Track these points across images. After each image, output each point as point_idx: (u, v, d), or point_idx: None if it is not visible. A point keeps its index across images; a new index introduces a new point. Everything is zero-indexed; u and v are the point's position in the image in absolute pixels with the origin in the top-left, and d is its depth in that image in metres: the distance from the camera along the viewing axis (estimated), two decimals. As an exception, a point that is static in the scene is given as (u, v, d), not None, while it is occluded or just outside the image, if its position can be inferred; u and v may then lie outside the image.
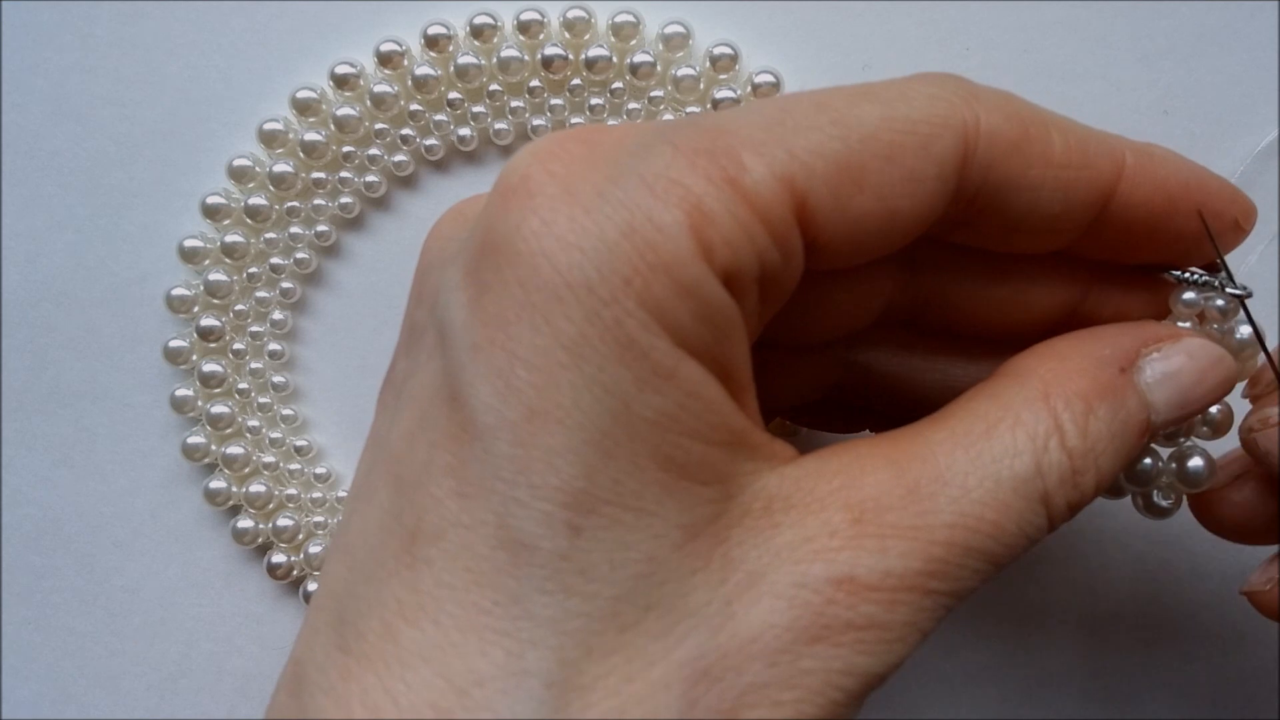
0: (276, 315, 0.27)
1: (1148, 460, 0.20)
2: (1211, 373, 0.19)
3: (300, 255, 0.27)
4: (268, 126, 0.27)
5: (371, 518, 0.17)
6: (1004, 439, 0.17)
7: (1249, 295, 0.20)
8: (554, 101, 0.27)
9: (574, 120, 0.27)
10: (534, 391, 0.15)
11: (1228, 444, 0.21)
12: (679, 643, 0.16)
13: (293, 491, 0.28)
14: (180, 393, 0.27)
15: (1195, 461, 0.20)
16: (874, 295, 0.20)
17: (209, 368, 0.27)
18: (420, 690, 0.16)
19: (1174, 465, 0.20)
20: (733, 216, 0.16)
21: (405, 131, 0.27)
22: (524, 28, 0.26)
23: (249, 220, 0.27)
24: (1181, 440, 0.20)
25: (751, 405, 0.18)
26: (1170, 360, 0.19)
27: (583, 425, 0.15)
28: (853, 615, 0.16)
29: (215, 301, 0.27)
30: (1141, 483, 0.20)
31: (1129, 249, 0.19)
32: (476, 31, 0.26)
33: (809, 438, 0.27)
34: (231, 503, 0.28)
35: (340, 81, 0.26)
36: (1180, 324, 0.20)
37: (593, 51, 0.26)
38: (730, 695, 0.16)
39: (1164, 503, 0.21)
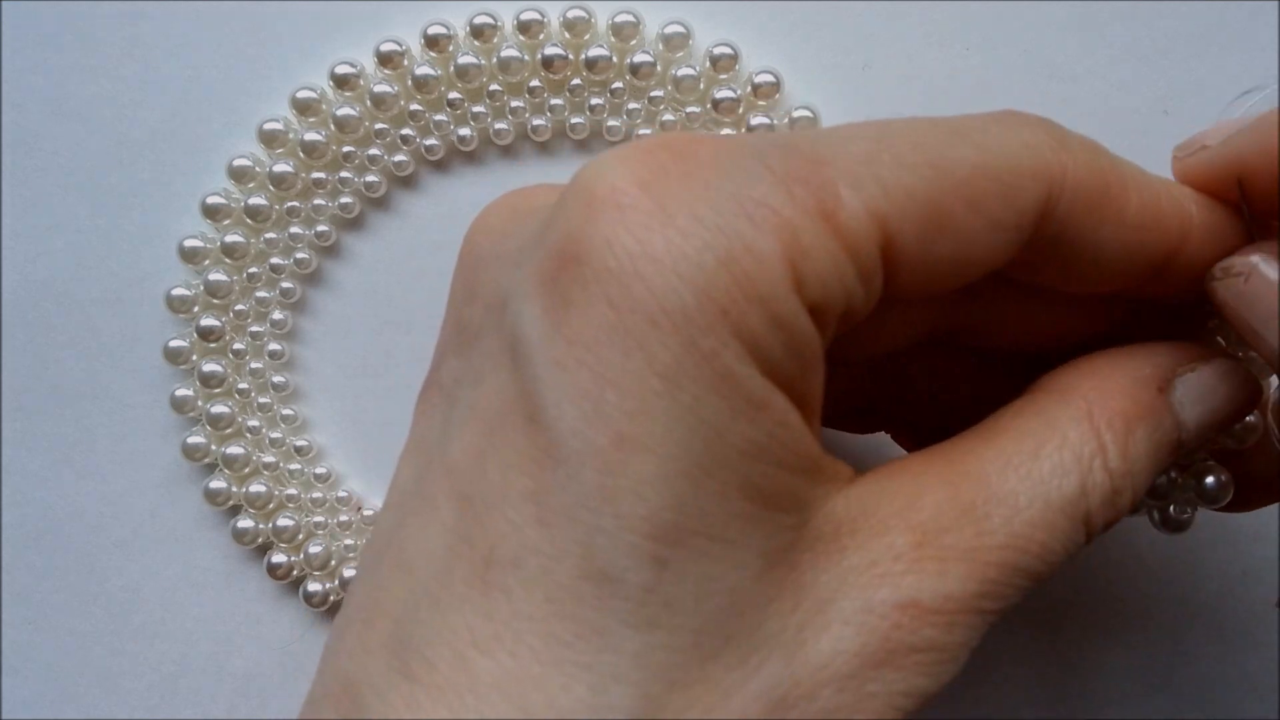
0: (276, 315, 0.27)
1: (1162, 476, 0.20)
2: (1241, 393, 0.19)
3: (300, 255, 0.27)
4: (268, 126, 0.27)
5: (435, 537, 0.17)
6: (1052, 459, 0.17)
7: None
8: (554, 101, 0.27)
9: (574, 120, 0.27)
10: (624, 418, 0.15)
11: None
12: (755, 672, 0.16)
13: (293, 491, 0.28)
14: (180, 393, 0.27)
15: (1211, 479, 0.20)
16: (923, 321, 0.20)
17: (209, 368, 0.27)
18: None
19: (1193, 481, 0.20)
20: (827, 252, 0.15)
21: (405, 131, 0.27)
22: (524, 28, 0.26)
23: (249, 220, 0.27)
24: (1197, 458, 0.20)
25: (818, 429, 0.17)
26: (1204, 381, 0.19)
27: (674, 455, 0.15)
28: (915, 639, 0.16)
29: (215, 301, 0.27)
30: (1159, 497, 0.20)
31: (1175, 294, 0.19)
32: (476, 31, 0.26)
33: (851, 450, 0.27)
34: (231, 503, 0.28)
35: (340, 81, 0.26)
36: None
37: (593, 51, 0.26)
38: None
39: (1182, 516, 0.21)
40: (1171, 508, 0.21)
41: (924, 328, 0.21)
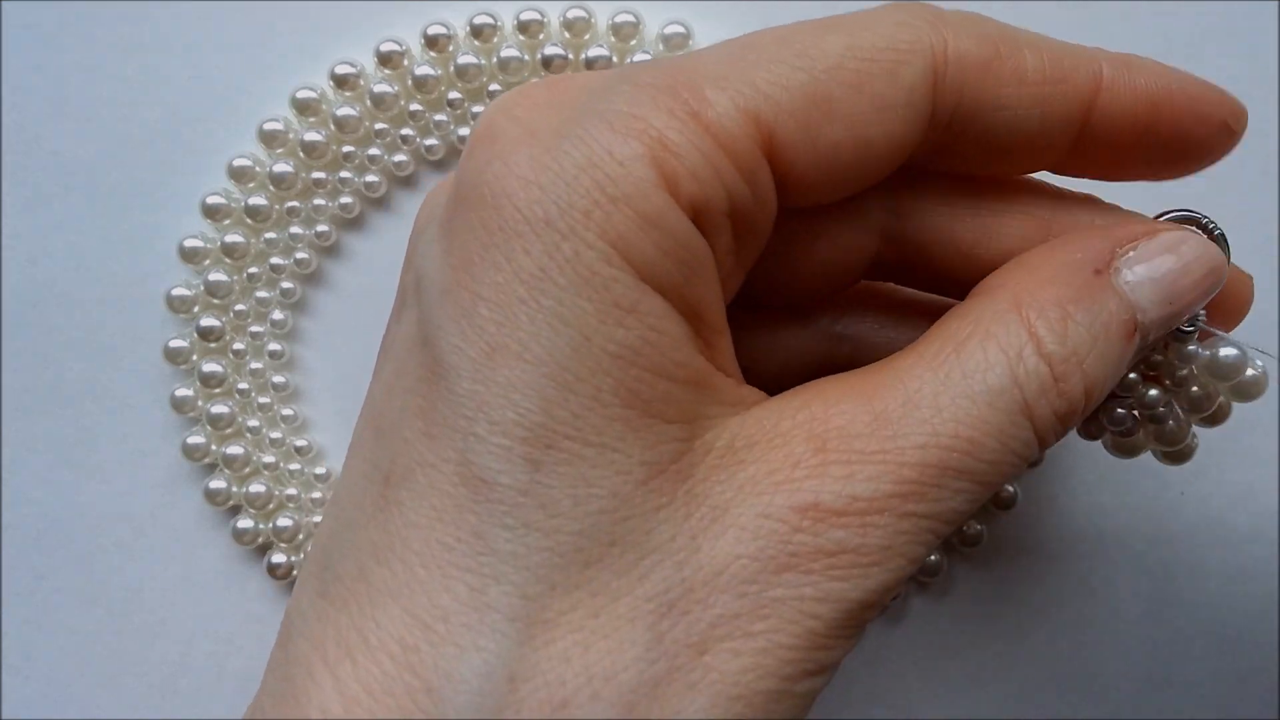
0: (276, 315, 0.27)
1: (1155, 391, 0.19)
2: (1196, 264, 0.18)
3: (300, 255, 0.27)
4: (268, 126, 0.27)
5: (354, 469, 0.18)
6: (974, 354, 0.17)
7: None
8: (554, 101, 0.27)
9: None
10: (494, 328, 0.16)
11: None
12: (644, 578, 0.16)
13: (293, 491, 0.28)
14: (180, 393, 0.27)
15: (1227, 350, 0.19)
16: (856, 247, 0.20)
17: (209, 368, 0.27)
18: (389, 627, 0.16)
19: (1206, 354, 0.19)
20: (697, 149, 0.16)
21: (405, 131, 0.27)
22: (524, 28, 0.26)
23: (249, 220, 0.27)
24: (1194, 331, 0.19)
25: (725, 351, 0.17)
26: (1149, 256, 0.18)
27: (541, 359, 0.16)
28: (821, 541, 0.16)
29: (215, 301, 0.27)
30: (1158, 420, 0.19)
31: (1117, 163, 0.19)
32: (476, 31, 0.26)
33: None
34: (231, 503, 0.28)
35: (340, 81, 0.26)
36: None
37: (593, 51, 0.26)
38: (699, 628, 0.16)
39: (1177, 433, 0.19)
40: (1170, 422, 0.20)
41: (862, 255, 0.20)
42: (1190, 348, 0.19)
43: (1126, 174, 0.19)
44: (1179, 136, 0.18)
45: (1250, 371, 0.19)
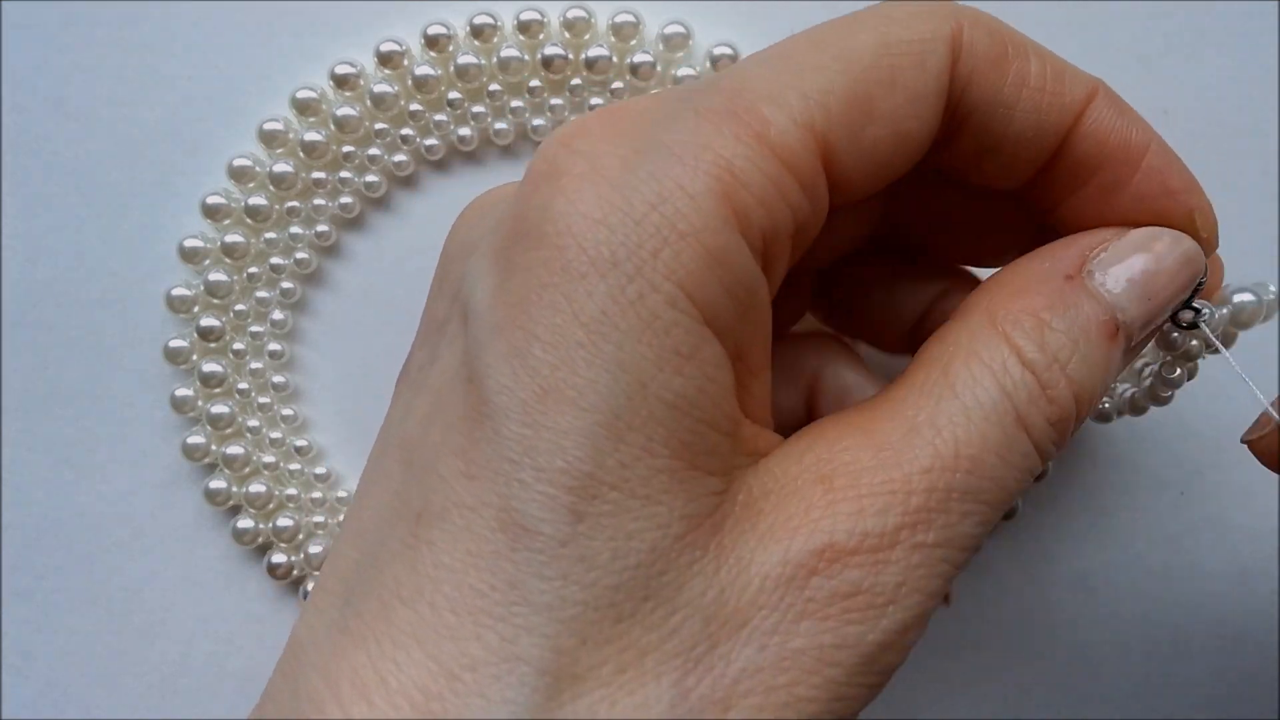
0: (276, 315, 0.27)
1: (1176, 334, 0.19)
2: (1170, 257, 0.18)
3: (300, 255, 0.27)
4: (268, 126, 0.27)
5: (383, 501, 0.17)
6: (960, 374, 0.17)
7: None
8: (554, 101, 0.27)
9: (574, 120, 0.27)
10: (549, 370, 0.15)
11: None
12: (673, 633, 0.15)
13: (293, 491, 0.28)
14: (180, 393, 0.27)
15: (1243, 296, 0.19)
16: (861, 221, 0.20)
17: (209, 368, 0.27)
18: (410, 671, 0.15)
19: (1224, 310, 0.19)
20: (763, 174, 0.16)
21: (405, 131, 0.27)
22: (524, 28, 0.26)
23: (249, 220, 0.27)
24: (1202, 312, 0.19)
25: (758, 395, 0.17)
26: (1121, 255, 0.18)
27: (595, 406, 0.15)
28: (836, 584, 0.16)
29: (215, 301, 0.27)
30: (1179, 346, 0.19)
31: (1078, 191, 0.19)
32: (476, 31, 0.26)
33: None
34: (231, 503, 0.28)
35: (340, 81, 0.26)
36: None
37: (593, 51, 0.26)
38: (723, 684, 0.15)
39: (1172, 375, 0.20)
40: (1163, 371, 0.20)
41: (865, 228, 0.20)
42: (1205, 311, 0.19)
43: (1082, 209, 0.19)
44: (1140, 196, 0.18)
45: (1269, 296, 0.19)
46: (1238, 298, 0.19)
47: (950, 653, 0.28)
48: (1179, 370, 0.20)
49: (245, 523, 0.28)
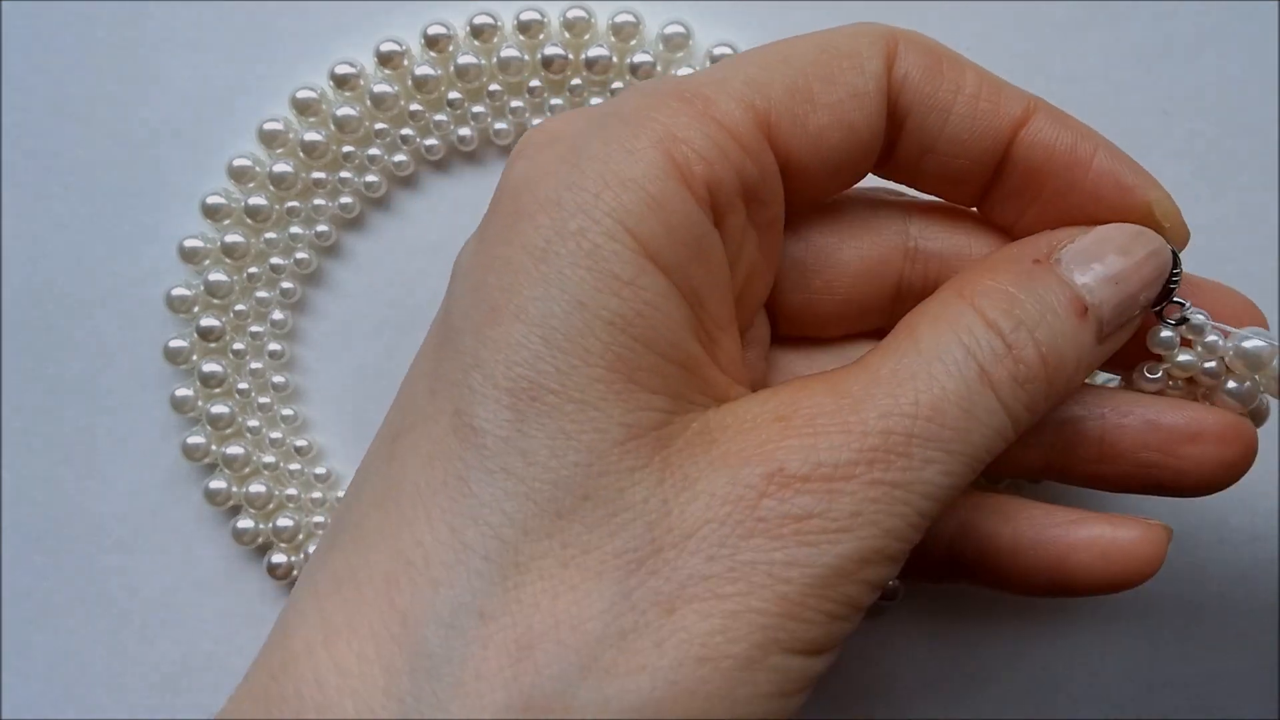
0: (276, 315, 0.27)
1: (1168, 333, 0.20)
2: (1133, 246, 0.19)
3: (300, 255, 0.27)
4: (268, 126, 0.27)
5: (377, 437, 0.19)
6: (925, 334, 0.18)
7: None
8: (554, 101, 0.27)
9: (574, 120, 0.27)
10: (498, 293, 0.17)
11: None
12: (614, 534, 0.16)
13: (293, 491, 0.28)
14: (180, 393, 0.27)
15: (1254, 343, 0.20)
16: (878, 268, 0.21)
17: (209, 368, 0.27)
18: (377, 564, 0.17)
19: (1231, 346, 0.20)
20: (704, 135, 0.17)
21: (405, 131, 0.27)
22: (524, 28, 0.26)
23: (249, 220, 0.27)
24: (1186, 306, 0.20)
25: (728, 350, 0.18)
26: (1087, 244, 0.19)
27: (536, 320, 0.17)
28: (788, 507, 0.16)
29: (215, 301, 0.27)
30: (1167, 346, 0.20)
31: (1036, 201, 0.20)
32: (476, 31, 0.26)
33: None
34: (231, 503, 0.28)
35: (340, 81, 0.26)
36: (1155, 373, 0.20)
37: (593, 51, 0.26)
38: (667, 588, 0.16)
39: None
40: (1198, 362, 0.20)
41: (887, 277, 0.21)
42: (1211, 338, 0.20)
43: (1032, 219, 0.20)
44: (1097, 195, 0.19)
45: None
46: (1248, 344, 0.20)
47: (950, 653, 0.28)
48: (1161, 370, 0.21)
49: (245, 523, 0.28)
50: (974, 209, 0.21)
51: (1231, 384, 0.20)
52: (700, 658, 0.16)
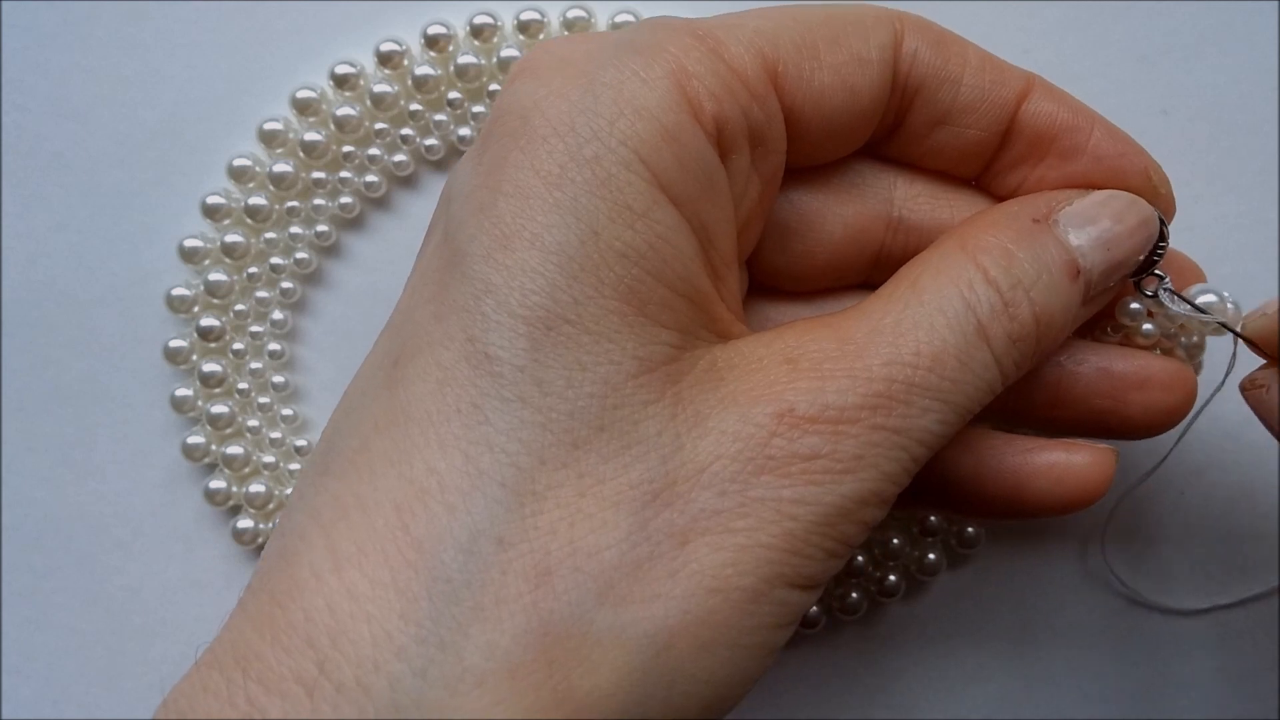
0: (276, 315, 0.27)
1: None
2: (1127, 213, 0.19)
3: (300, 255, 0.27)
4: (268, 126, 0.27)
5: (367, 363, 0.19)
6: (928, 287, 0.18)
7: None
8: (554, 101, 0.27)
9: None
10: (511, 218, 0.17)
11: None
12: (629, 466, 0.16)
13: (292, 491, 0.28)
14: (180, 393, 0.27)
15: (1205, 296, 0.21)
16: (863, 230, 0.22)
17: (209, 368, 0.27)
18: (386, 490, 0.16)
19: (1185, 306, 0.21)
20: (715, 74, 0.17)
21: (405, 131, 0.27)
22: (524, 28, 0.26)
23: (249, 220, 0.27)
24: (1165, 279, 0.21)
25: (730, 288, 0.19)
26: (1084, 209, 0.19)
27: (551, 248, 0.17)
28: (797, 446, 0.17)
29: (215, 301, 0.27)
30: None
31: (1039, 164, 0.20)
32: (476, 31, 0.26)
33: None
34: (231, 503, 0.28)
35: (340, 81, 0.26)
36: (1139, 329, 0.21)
37: (593, 51, 0.26)
38: (681, 520, 0.16)
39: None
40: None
41: (871, 240, 0.21)
42: (1175, 309, 0.21)
43: (1036, 182, 0.21)
44: (1099, 156, 0.20)
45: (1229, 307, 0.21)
46: (1201, 298, 0.21)
47: (950, 652, 0.28)
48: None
49: (245, 523, 0.28)
50: (971, 182, 0.22)
51: (1183, 339, 0.21)
52: (711, 589, 0.16)
